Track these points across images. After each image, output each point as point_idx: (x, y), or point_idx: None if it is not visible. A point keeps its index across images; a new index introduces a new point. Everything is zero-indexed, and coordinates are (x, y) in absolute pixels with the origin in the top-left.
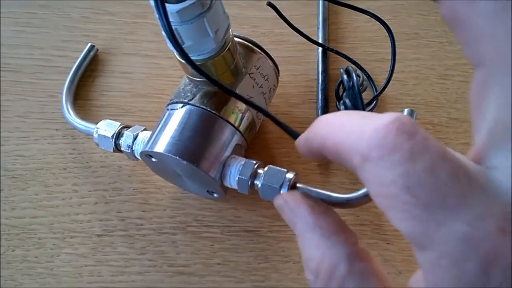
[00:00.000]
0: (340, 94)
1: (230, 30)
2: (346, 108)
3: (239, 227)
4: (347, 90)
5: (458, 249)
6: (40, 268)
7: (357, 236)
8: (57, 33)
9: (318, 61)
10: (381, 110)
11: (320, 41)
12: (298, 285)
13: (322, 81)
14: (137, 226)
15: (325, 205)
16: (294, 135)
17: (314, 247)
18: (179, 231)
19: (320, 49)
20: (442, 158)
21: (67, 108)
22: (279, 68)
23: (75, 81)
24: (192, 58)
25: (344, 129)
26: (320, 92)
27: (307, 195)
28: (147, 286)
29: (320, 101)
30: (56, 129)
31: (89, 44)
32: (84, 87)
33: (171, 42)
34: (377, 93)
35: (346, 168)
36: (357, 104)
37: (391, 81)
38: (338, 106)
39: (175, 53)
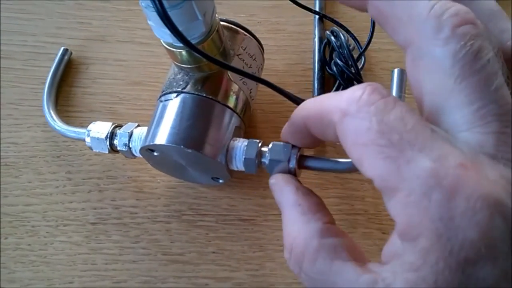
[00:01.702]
0: (328, 59)
1: (216, 13)
2: (338, 68)
3: (234, 215)
4: (336, 50)
5: (425, 182)
6: (33, 256)
7: (334, 220)
8: (51, 19)
9: (314, 50)
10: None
11: (316, 30)
12: (293, 274)
13: (319, 70)
14: (131, 215)
15: (308, 188)
16: (298, 101)
17: (292, 223)
18: (173, 220)
19: (317, 37)
20: (410, 111)
21: (52, 117)
22: (276, 57)
23: (53, 89)
24: (182, 44)
25: (325, 98)
26: (316, 81)
27: (296, 178)
28: (141, 274)
29: (316, 90)
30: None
31: (62, 48)
32: (78, 74)
33: (169, 27)
34: (363, 49)
35: (325, 137)
36: (349, 62)
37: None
38: (329, 70)
39: (162, 41)
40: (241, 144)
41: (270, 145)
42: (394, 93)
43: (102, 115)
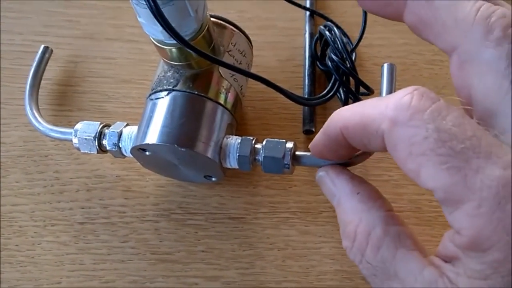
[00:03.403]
0: (319, 54)
1: (207, 9)
2: (334, 64)
3: (223, 214)
4: (331, 45)
5: (497, 192)
6: (21, 256)
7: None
8: (38, 18)
9: (305, 46)
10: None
11: (307, 26)
12: (283, 272)
13: (309, 66)
14: (119, 214)
15: (361, 177)
16: (291, 96)
17: (352, 212)
18: (162, 219)
19: (308, 33)
20: (464, 116)
21: (36, 118)
22: (267, 53)
23: (35, 89)
24: (174, 42)
25: (366, 106)
26: (307, 77)
27: (347, 168)
28: (130, 274)
29: (307, 86)
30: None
31: (42, 46)
32: (67, 73)
33: (162, 24)
34: (355, 44)
35: (368, 147)
36: (344, 57)
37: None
38: (320, 66)
39: (152, 38)
40: (234, 141)
41: (264, 142)
42: (384, 88)
43: (91, 113)
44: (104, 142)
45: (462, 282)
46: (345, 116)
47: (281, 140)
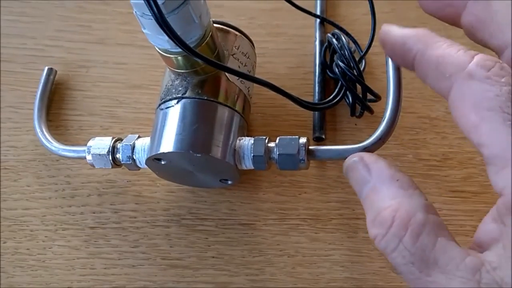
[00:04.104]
0: (328, 62)
1: (210, 14)
2: (340, 70)
3: (233, 220)
4: (338, 52)
5: None
6: (32, 260)
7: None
8: (51, 22)
9: (315, 53)
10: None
11: (317, 33)
12: (293, 279)
13: (320, 73)
14: (130, 219)
15: (396, 166)
16: (297, 100)
17: (390, 197)
18: (173, 224)
19: (318, 40)
20: None
21: (47, 139)
22: (277, 60)
23: (43, 111)
24: (179, 50)
25: (448, 45)
26: (317, 84)
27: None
28: (140, 279)
29: (317, 93)
30: (49, 120)
31: (46, 68)
32: (78, 77)
33: (168, 33)
34: (364, 52)
35: (427, 80)
36: (351, 64)
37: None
38: (330, 74)
39: (157, 48)
40: (247, 142)
41: (277, 140)
42: (391, 80)
43: (102, 118)
44: (118, 156)
45: (506, 262)
46: (426, 41)
47: (294, 136)
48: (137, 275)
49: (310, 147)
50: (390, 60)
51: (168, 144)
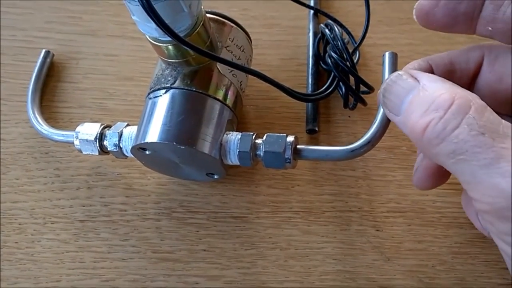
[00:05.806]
0: (322, 54)
1: (202, 5)
2: (333, 61)
3: (225, 213)
4: (331, 42)
5: None
6: (21, 254)
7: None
8: (41, 14)
9: (308, 45)
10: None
11: (311, 25)
12: (285, 272)
13: (313, 65)
14: (120, 212)
15: None
16: (290, 92)
17: (445, 88)
18: (163, 217)
19: (311, 32)
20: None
21: (38, 122)
22: (270, 52)
23: (37, 94)
24: (169, 39)
25: None
26: (310, 76)
27: None
28: (130, 272)
29: (310, 85)
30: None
31: (43, 51)
32: (69, 69)
33: (155, 20)
34: (358, 43)
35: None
36: (344, 55)
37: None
38: (323, 66)
39: (148, 36)
40: (234, 137)
41: (264, 137)
42: (386, 76)
43: (92, 110)
44: (105, 143)
45: None
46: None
47: (281, 134)
48: (127, 268)
49: (298, 146)
50: (387, 55)
51: (152, 134)
